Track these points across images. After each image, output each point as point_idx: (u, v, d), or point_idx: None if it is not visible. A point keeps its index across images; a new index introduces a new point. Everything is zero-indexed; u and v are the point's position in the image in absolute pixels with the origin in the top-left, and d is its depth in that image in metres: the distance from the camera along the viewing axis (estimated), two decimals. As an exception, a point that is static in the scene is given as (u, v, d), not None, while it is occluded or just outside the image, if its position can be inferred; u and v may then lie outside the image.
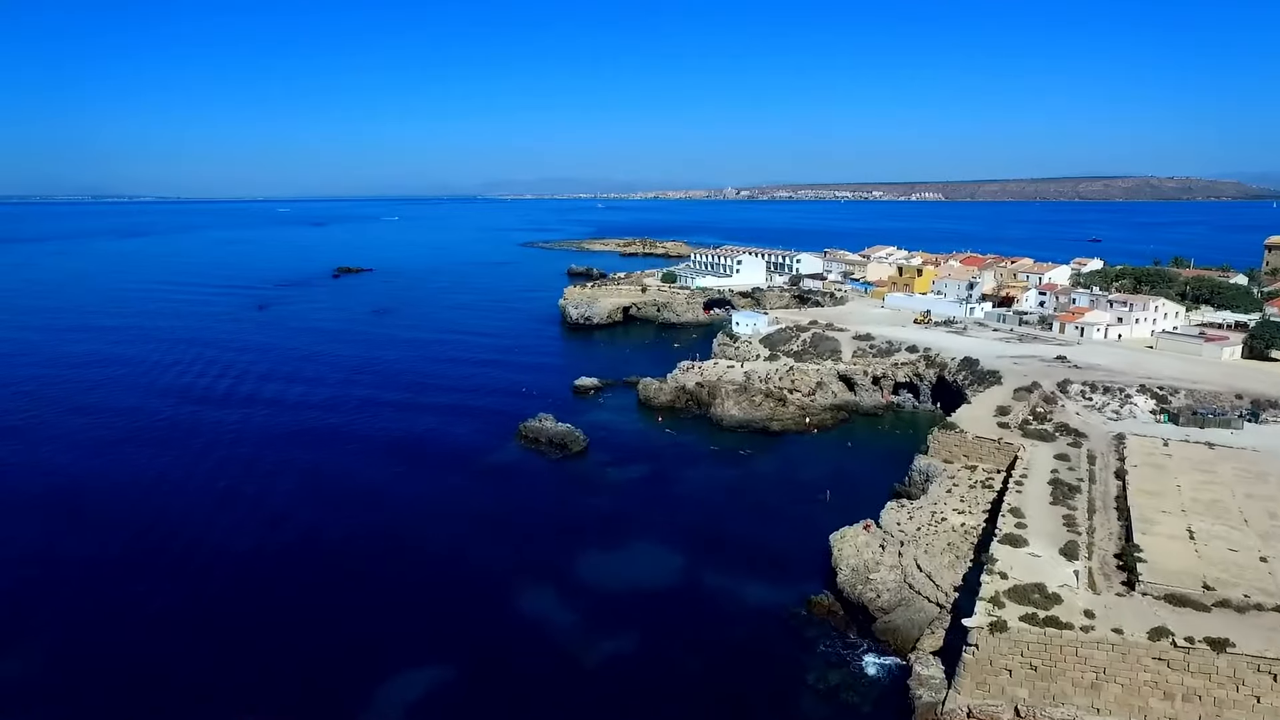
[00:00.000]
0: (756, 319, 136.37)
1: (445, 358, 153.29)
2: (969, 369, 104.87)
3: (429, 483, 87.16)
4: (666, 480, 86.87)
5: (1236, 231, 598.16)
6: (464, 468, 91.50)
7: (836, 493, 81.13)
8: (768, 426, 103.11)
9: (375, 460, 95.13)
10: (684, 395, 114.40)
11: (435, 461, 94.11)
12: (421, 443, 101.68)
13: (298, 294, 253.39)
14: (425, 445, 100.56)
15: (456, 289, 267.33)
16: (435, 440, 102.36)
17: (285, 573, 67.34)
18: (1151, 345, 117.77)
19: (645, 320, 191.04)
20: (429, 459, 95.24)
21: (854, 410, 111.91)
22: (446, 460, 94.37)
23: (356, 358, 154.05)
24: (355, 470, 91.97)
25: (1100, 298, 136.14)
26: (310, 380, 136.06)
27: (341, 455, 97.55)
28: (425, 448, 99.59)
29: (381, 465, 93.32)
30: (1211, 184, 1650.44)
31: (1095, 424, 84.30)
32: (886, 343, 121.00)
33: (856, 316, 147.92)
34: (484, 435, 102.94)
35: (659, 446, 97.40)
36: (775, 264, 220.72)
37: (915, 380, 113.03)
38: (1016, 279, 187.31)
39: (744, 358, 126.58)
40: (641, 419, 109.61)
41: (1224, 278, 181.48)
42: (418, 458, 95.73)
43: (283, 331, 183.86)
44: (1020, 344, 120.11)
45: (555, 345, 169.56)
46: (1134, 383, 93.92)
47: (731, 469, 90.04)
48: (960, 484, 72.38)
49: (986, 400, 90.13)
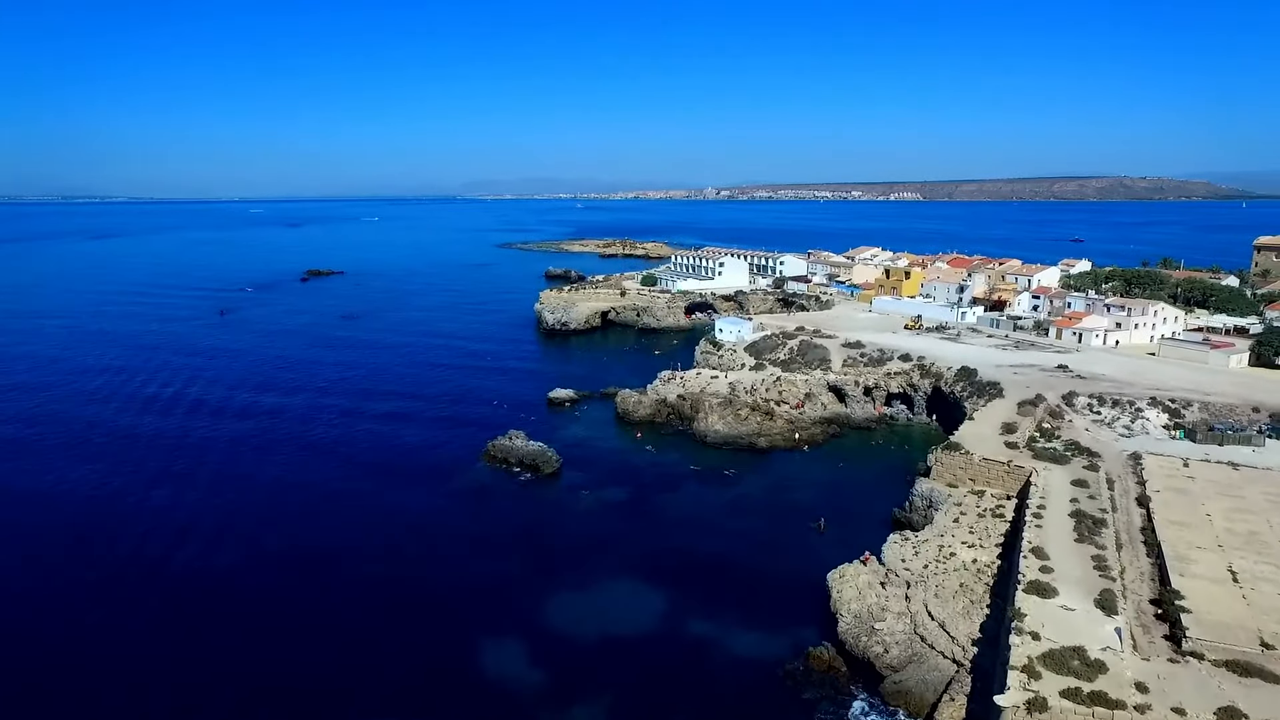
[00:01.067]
0: (741, 325, 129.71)
1: (412, 366, 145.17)
2: (967, 380, 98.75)
3: (381, 510, 79.34)
4: (646, 506, 79.71)
5: (1212, 231, 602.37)
6: (423, 492, 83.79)
7: (832, 519, 74.43)
8: (754, 443, 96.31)
9: (322, 481, 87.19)
10: (665, 409, 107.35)
11: (391, 483, 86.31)
12: (378, 461, 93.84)
13: (263, 298, 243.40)
14: (382, 464, 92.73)
15: (429, 292, 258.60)
16: (393, 459, 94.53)
17: (209, 606, 59.68)
18: (1153, 352, 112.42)
19: (624, 325, 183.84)
20: (384, 480, 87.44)
21: (845, 423, 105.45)
22: (404, 482, 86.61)
23: (316, 366, 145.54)
24: (298, 493, 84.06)
25: (1097, 302, 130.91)
26: (262, 389, 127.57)
27: (286, 474, 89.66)
28: (381, 467, 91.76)
29: (330, 487, 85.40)
30: (1182, 184, 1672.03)
31: (1106, 441, 78.36)
32: (878, 351, 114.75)
33: (844, 322, 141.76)
34: (448, 454, 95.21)
35: (638, 467, 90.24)
36: (758, 266, 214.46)
37: (909, 391, 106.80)
38: (1005, 281, 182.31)
39: (728, 367, 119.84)
40: (619, 435, 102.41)
41: (1215, 279, 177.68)
42: (372, 478, 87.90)
43: (241, 337, 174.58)
44: (1018, 351, 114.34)
45: (530, 352, 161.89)
46: (1143, 395, 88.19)
47: (716, 492, 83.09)
48: (968, 512, 65.92)
49: (989, 415, 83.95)
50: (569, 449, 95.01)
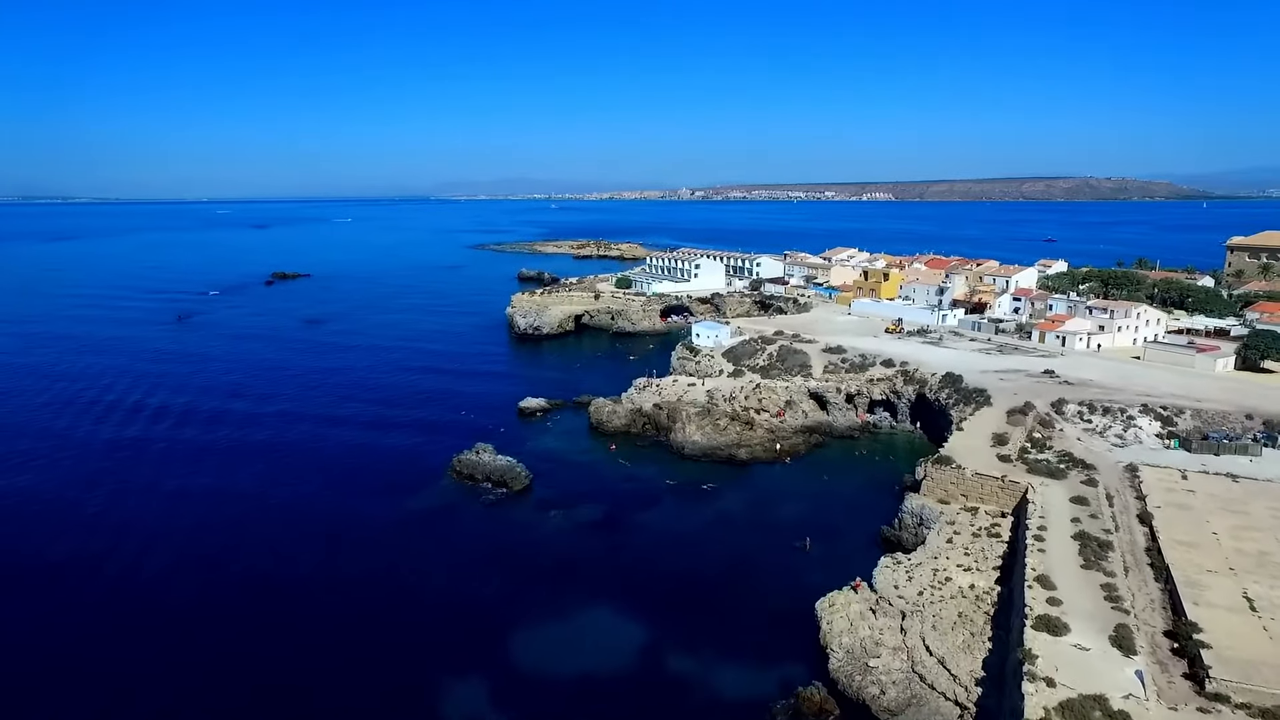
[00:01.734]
0: (718, 330, 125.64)
1: (377, 373, 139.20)
2: (952, 386, 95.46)
3: (334, 532, 73.89)
4: (620, 526, 75.12)
5: (1177, 231, 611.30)
6: (382, 512, 78.45)
7: (817, 538, 70.45)
8: (734, 455, 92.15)
9: (270, 498, 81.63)
10: (640, 418, 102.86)
11: (346, 502, 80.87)
12: (333, 477, 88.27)
13: (224, 302, 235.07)
14: (337, 480, 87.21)
15: (399, 295, 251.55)
16: (350, 474, 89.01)
17: (136, 641, 54.12)
18: (1138, 356, 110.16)
19: (598, 329, 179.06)
20: (339, 498, 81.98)
21: (827, 432, 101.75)
22: (361, 501, 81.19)
23: (275, 374, 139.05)
24: (239, 509, 78.55)
25: (1079, 304, 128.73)
26: (213, 398, 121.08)
27: (228, 488, 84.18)
28: (337, 483, 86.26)
29: (278, 505, 79.87)
30: (1145, 184, 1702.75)
31: (1099, 451, 75.32)
32: (860, 356, 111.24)
33: (824, 325, 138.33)
34: (411, 469, 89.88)
35: (612, 482, 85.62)
36: (735, 268, 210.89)
37: (893, 398, 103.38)
38: (983, 282, 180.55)
39: (705, 373, 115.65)
40: (593, 447, 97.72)
41: (1191, 280, 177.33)
42: (326, 496, 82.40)
43: (197, 344, 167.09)
44: (1001, 355, 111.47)
45: (501, 358, 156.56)
46: (1134, 401, 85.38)
47: (695, 510, 78.75)
48: (962, 531, 62.25)
49: (979, 425, 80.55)
50: (540, 463, 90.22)
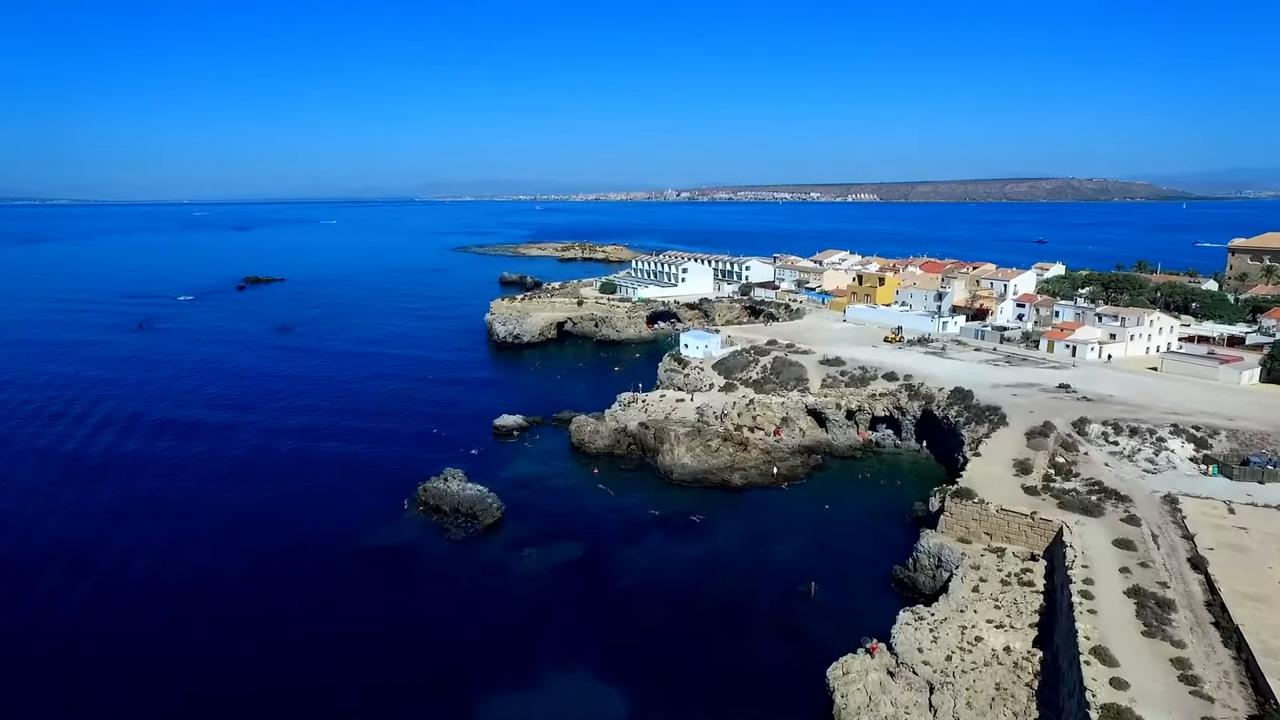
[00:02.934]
0: (708, 340, 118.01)
1: (345, 387, 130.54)
2: (962, 403, 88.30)
3: (272, 577, 65.69)
4: (602, 567, 67.22)
5: (1162, 231, 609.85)
6: (331, 552, 70.16)
7: (822, 580, 62.92)
8: (727, 480, 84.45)
9: (217, 534, 73.23)
10: (625, 439, 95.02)
11: (293, 539, 72.53)
12: (286, 510, 79.87)
13: (191, 308, 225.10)
14: (290, 515, 78.80)
15: (375, 299, 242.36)
16: (305, 507, 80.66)
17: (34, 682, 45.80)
18: (1154, 367, 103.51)
19: (582, 337, 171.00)
20: (285, 533, 73.68)
21: (827, 452, 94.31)
22: (310, 537, 72.86)
23: (235, 387, 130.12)
24: (170, 547, 70.06)
25: (1087, 311, 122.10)
26: (164, 414, 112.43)
27: (161, 519, 75.67)
28: (289, 519, 77.86)
29: (223, 544, 71.49)
30: (1126, 185, 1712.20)
31: (1131, 479, 68.25)
32: (859, 368, 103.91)
33: (818, 333, 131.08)
34: (372, 499, 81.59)
35: (593, 514, 77.70)
36: (723, 271, 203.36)
37: (896, 414, 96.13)
38: (980, 286, 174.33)
39: (695, 387, 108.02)
40: (574, 471, 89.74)
41: (1195, 284, 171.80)
42: (275, 535, 73.92)
43: (156, 353, 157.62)
44: (1010, 368, 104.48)
45: (479, 369, 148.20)
46: (1162, 421, 78.47)
47: (684, 546, 70.98)
48: (989, 578, 54.87)
49: (997, 449, 73.31)
50: (514, 490, 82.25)
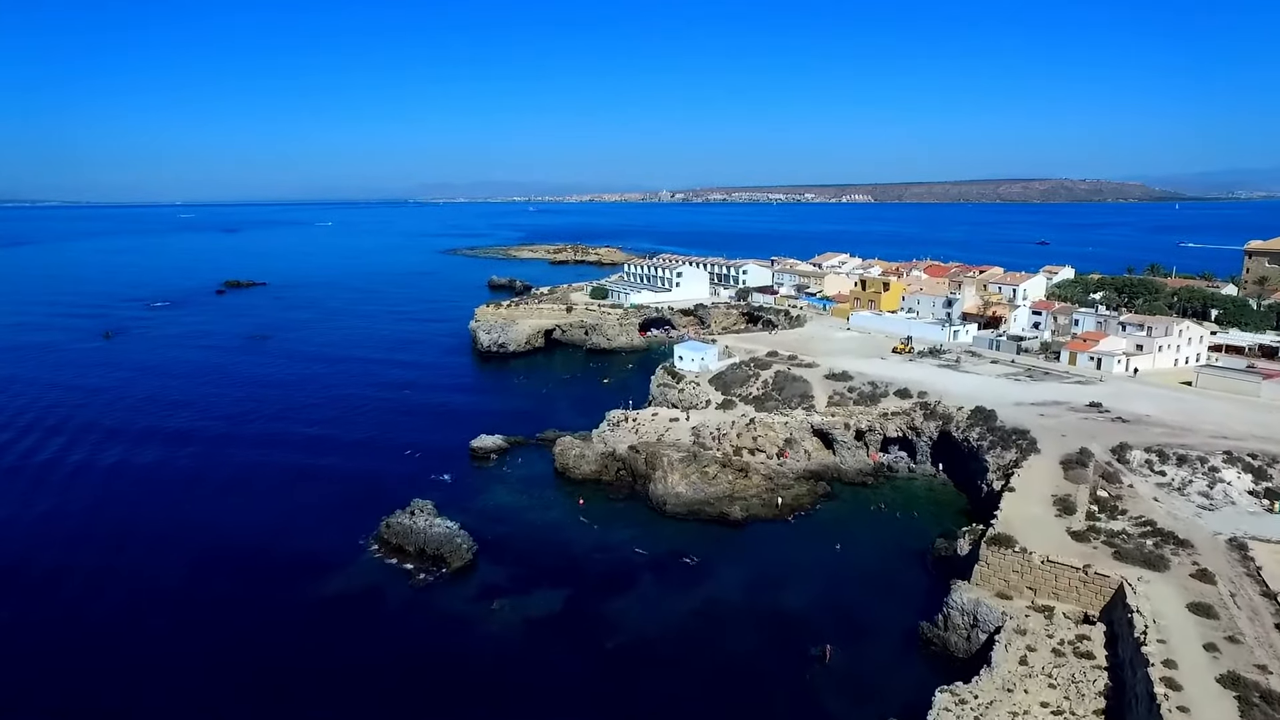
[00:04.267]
0: (704, 351, 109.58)
1: (313, 401, 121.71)
2: (984, 424, 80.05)
3: (199, 635, 57.02)
4: (583, 623, 58.59)
5: (1160, 232, 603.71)
6: (276, 603, 61.52)
7: (839, 640, 54.54)
8: (725, 512, 75.92)
9: (144, 571, 65.03)
10: (614, 464, 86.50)
11: (238, 588, 63.82)
12: (227, 545, 71.30)
13: (163, 315, 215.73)
14: (231, 550, 70.27)
15: (357, 305, 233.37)
16: (250, 541, 71.99)
17: None
18: (1188, 381, 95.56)
19: (571, 345, 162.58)
20: (225, 580, 65.00)
21: (835, 477, 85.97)
22: (257, 585, 64.17)
23: (191, 401, 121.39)
24: (100, 586, 61.68)
25: (1109, 319, 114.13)
26: (113, 434, 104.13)
27: (91, 556, 67.30)
28: (229, 555, 69.34)
29: (146, 584, 63.20)
30: (1120, 186, 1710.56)
31: (1187, 517, 60.07)
32: (869, 384, 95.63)
33: (821, 343, 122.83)
34: (329, 534, 72.90)
35: (577, 553, 69.14)
36: (719, 275, 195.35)
37: (910, 435, 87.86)
38: (987, 290, 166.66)
39: (690, 404, 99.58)
40: (556, 501, 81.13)
41: (1214, 288, 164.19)
42: (208, 577, 65.38)
43: (118, 365, 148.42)
44: (1033, 383, 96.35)
45: (461, 381, 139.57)
46: (1212, 447, 70.36)
47: (679, 594, 62.45)
48: (1038, 646, 46.52)
49: (1031, 482, 65.06)
50: (489, 525, 73.73)
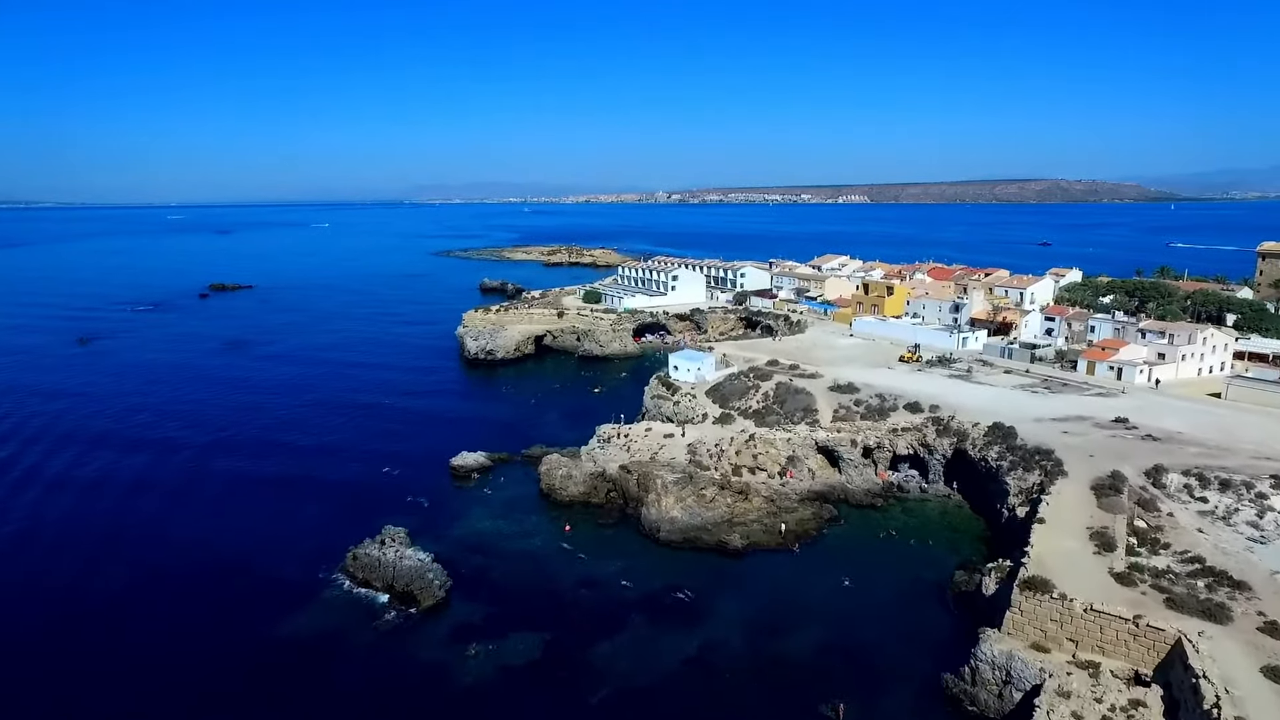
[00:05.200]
0: (700, 361, 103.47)
1: (288, 413, 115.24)
2: (1003, 442, 74.07)
3: (144, 688, 50.72)
4: (566, 672, 52.32)
5: (1158, 233, 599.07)
6: (226, 642, 55.33)
7: (853, 693, 48.44)
8: (724, 540, 69.68)
9: (81, 610, 58.38)
10: (604, 485, 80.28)
11: (182, 625, 57.61)
12: (177, 578, 65.24)
13: (143, 319, 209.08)
14: (181, 584, 64.26)
15: (345, 309, 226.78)
16: (203, 573, 65.81)
17: None
18: (1217, 393, 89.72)
19: (562, 351, 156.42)
20: (173, 620, 58.67)
21: (841, 498, 79.83)
22: (202, 624, 57.88)
23: (159, 412, 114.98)
24: (35, 615, 54.94)
25: (1127, 325, 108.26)
26: (68, 441, 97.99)
27: (26, 587, 60.39)
28: (179, 589, 63.34)
29: (87, 619, 56.77)
30: (1115, 186, 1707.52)
31: (1235, 550, 54.14)
32: (876, 396, 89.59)
33: (824, 351, 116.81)
34: (292, 565, 66.65)
35: (562, 588, 62.90)
36: (716, 278, 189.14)
37: (922, 452, 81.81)
38: (993, 294, 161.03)
39: (686, 418, 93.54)
40: (541, 527, 74.82)
41: (1229, 291, 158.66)
42: (155, 618, 59.06)
43: (89, 373, 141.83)
44: (1051, 395, 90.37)
45: (445, 391, 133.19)
46: (1256, 469, 64.44)
47: (674, 638, 56.23)
48: (1086, 713, 40.42)
49: (1062, 511, 59.02)
50: (466, 556, 67.58)
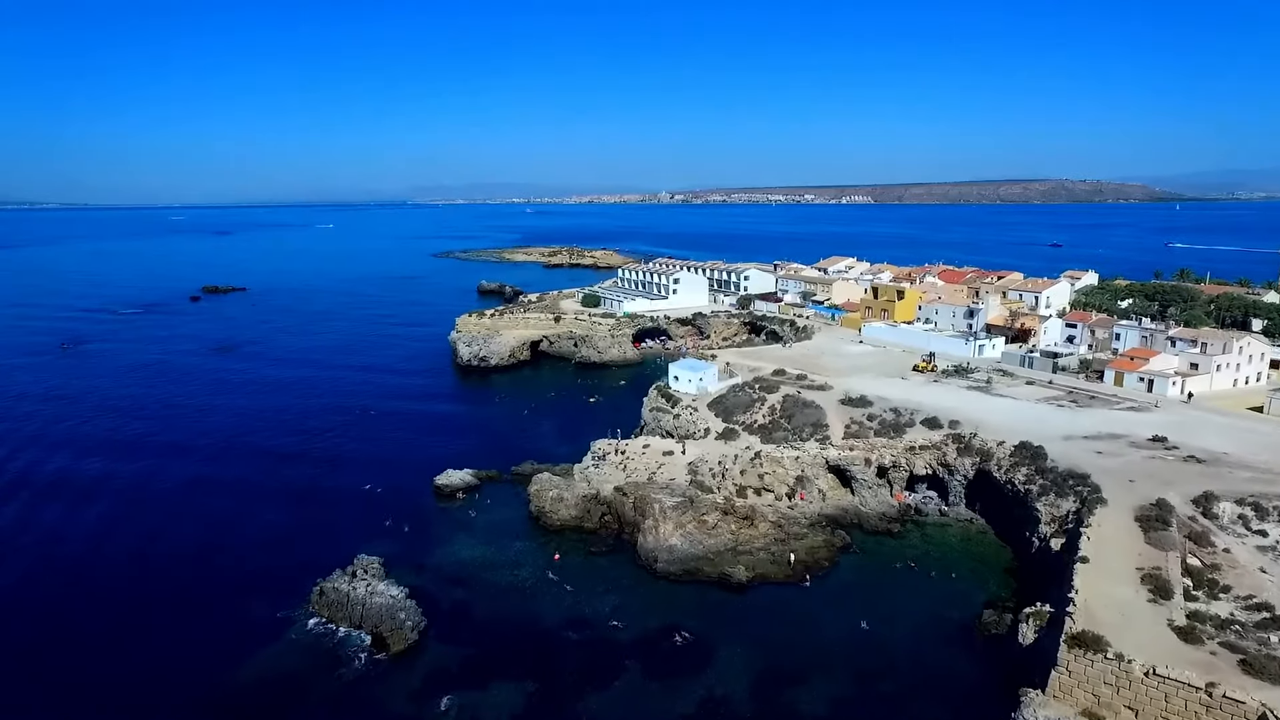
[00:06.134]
0: (702, 371, 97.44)
1: (269, 424, 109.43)
2: (1032, 464, 67.97)
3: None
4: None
5: (1164, 233, 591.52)
6: (172, 693, 49.38)
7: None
8: (727, 573, 63.56)
9: (23, 641, 52.34)
10: (597, 508, 74.28)
11: (122, 672, 51.65)
12: (129, 611, 59.23)
13: (130, 324, 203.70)
14: (132, 617, 58.26)
15: (338, 312, 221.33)
16: (159, 608, 59.89)
17: None
18: (1259, 407, 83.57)
19: (559, 358, 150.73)
20: (114, 664, 52.70)
21: (854, 523, 73.75)
22: (145, 672, 51.89)
23: (132, 424, 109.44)
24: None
25: (1155, 332, 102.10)
26: (32, 456, 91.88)
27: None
28: (129, 625, 57.31)
29: (26, 658, 50.65)
30: (1120, 186, 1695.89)
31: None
32: (890, 410, 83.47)
33: (833, 360, 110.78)
34: (255, 600, 60.70)
35: (549, 628, 56.88)
36: (719, 281, 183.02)
37: (942, 473, 75.78)
38: (1007, 298, 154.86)
39: (687, 433, 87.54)
40: (528, 556, 68.74)
41: (1255, 295, 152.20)
42: (98, 653, 53.13)
43: (68, 380, 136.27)
44: (1078, 410, 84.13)
45: (436, 399, 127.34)
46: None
47: (673, 690, 50.22)
48: (1153, 804, 34.44)
49: (1106, 546, 52.86)
50: (445, 589, 61.75)
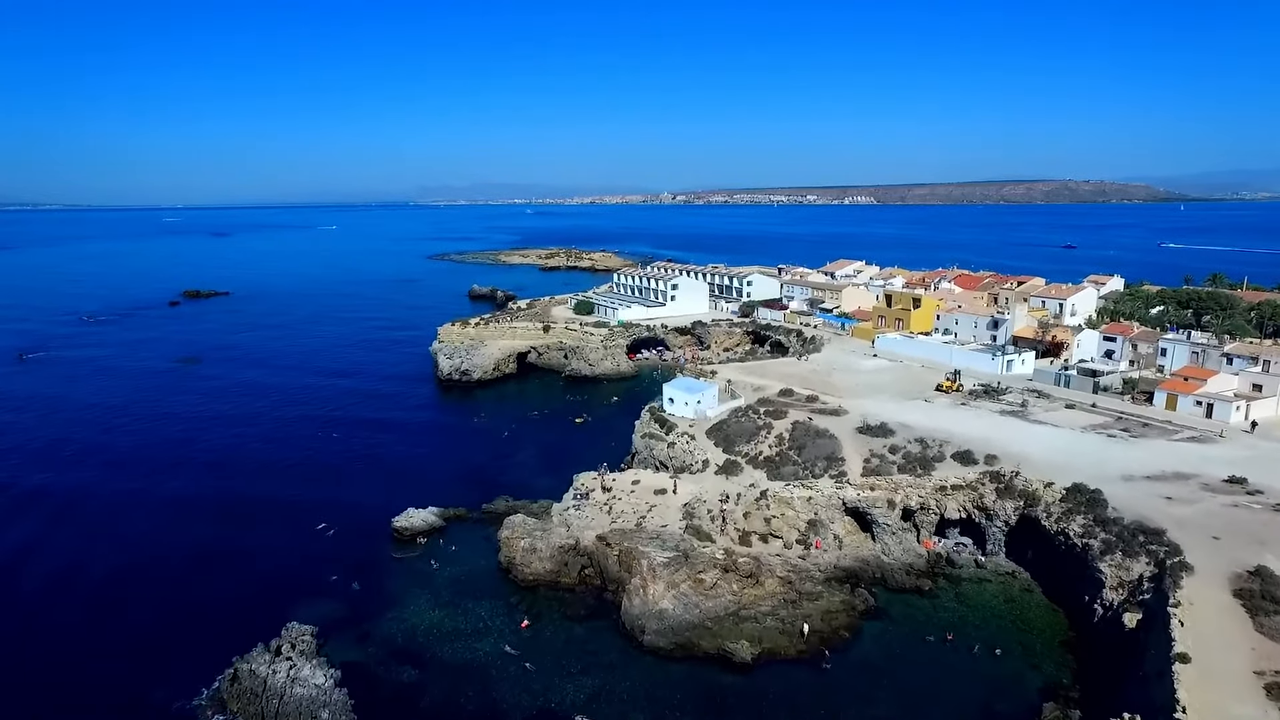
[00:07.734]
0: (701, 392, 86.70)
1: (218, 449, 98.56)
2: (1089, 512, 57.23)
3: None
4: None
5: (1170, 233, 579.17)
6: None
7: None
8: (729, 648, 52.84)
9: None
10: (576, 560, 63.64)
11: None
12: (16, 687, 48.59)
13: (99, 331, 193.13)
14: (20, 695, 47.68)
15: (321, 318, 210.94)
16: (34, 687, 49.29)
17: None
18: (1337, 438, 72.86)
19: (548, 370, 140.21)
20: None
21: (876, 578, 63.04)
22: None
23: (66, 445, 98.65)
24: None
25: (1208, 349, 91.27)
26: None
27: None
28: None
29: None
30: (1123, 187, 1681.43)
31: None
32: (916, 441, 72.70)
33: (846, 376, 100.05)
34: (157, 682, 50.15)
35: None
36: (720, 286, 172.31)
37: (978, 517, 65.11)
38: (1029, 305, 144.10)
39: (682, 465, 76.88)
40: (493, 622, 57.98)
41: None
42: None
43: (14, 396, 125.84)
44: (1131, 440, 73.30)
45: (411, 418, 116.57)
46: None
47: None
48: None
49: (1207, 636, 42.03)
50: (387, 669, 51.07)
